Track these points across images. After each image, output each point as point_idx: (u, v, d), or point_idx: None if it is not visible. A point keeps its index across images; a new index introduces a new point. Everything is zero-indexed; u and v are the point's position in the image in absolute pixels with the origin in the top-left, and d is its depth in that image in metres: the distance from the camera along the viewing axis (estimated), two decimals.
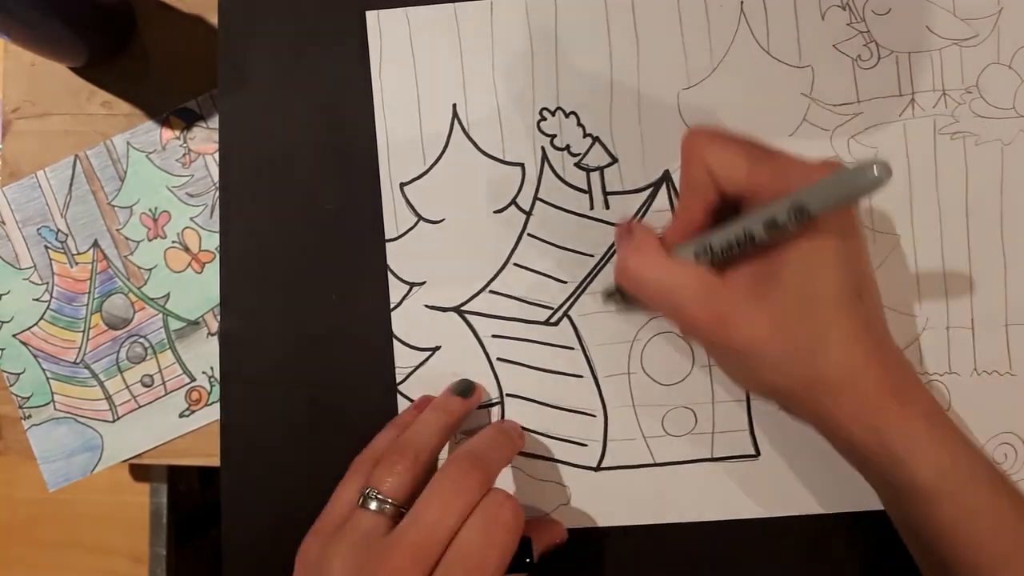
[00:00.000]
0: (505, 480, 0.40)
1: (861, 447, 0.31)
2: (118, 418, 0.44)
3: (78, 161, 0.45)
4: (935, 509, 0.31)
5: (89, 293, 0.44)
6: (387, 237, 0.41)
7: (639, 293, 0.34)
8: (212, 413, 0.44)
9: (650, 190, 0.40)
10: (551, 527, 0.39)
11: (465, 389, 0.39)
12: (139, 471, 0.53)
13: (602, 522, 0.40)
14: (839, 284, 0.30)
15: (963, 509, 0.30)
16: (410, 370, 0.41)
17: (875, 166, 0.27)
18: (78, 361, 0.44)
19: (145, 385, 0.44)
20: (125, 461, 0.44)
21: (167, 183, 0.45)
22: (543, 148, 0.41)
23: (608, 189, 0.41)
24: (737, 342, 0.32)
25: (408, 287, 0.41)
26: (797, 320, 0.31)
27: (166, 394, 0.44)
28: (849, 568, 0.39)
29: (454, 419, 0.37)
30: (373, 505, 0.33)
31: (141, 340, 0.44)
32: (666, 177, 0.40)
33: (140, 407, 0.44)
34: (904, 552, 0.35)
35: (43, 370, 0.45)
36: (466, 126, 0.41)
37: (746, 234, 0.31)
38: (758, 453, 0.39)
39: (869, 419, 0.31)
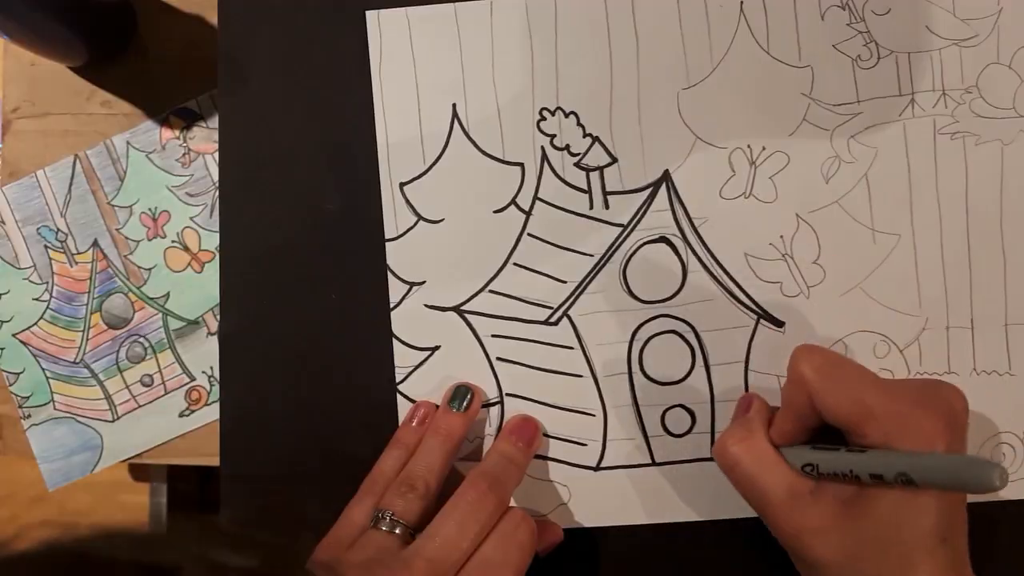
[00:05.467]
0: None
1: None
2: (118, 418, 0.44)
3: (78, 161, 0.45)
4: None
5: (89, 293, 0.44)
6: (387, 237, 0.41)
7: (729, 474, 0.35)
8: (212, 413, 0.44)
9: (650, 190, 0.40)
10: (549, 528, 0.39)
11: (463, 398, 0.39)
12: (139, 471, 0.53)
13: (601, 522, 0.40)
14: (925, 531, 0.30)
15: None
16: (410, 370, 0.41)
17: (995, 472, 0.26)
18: (78, 361, 0.44)
19: (145, 385, 0.44)
20: (125, 461, 0.44)
21: (167, 183, 0.45)
22: (543, 148, 0.41)
23: (608, 189, 0.41)
24: (811, 557, 0.32)
25: (408, 287, 0.41)
26: (875, 556, 0.31)
27: (166, 394, 0.44)
28: None
29: (456, 440, 0.38)
30: (385, 526, 0.34)
31: (141, 340, 0.44)
32: (666, 177, 0.40)
33: (140, 407, 0.44)
34: None
35: (43, 370, 0.45)
36: (466, 126, 0.41)
37: (851, 474, 0.31)
38: None
39: None
